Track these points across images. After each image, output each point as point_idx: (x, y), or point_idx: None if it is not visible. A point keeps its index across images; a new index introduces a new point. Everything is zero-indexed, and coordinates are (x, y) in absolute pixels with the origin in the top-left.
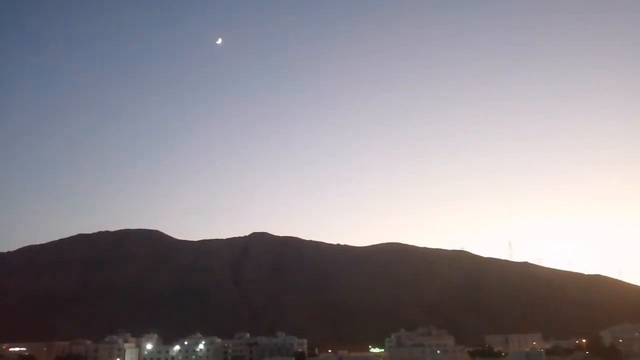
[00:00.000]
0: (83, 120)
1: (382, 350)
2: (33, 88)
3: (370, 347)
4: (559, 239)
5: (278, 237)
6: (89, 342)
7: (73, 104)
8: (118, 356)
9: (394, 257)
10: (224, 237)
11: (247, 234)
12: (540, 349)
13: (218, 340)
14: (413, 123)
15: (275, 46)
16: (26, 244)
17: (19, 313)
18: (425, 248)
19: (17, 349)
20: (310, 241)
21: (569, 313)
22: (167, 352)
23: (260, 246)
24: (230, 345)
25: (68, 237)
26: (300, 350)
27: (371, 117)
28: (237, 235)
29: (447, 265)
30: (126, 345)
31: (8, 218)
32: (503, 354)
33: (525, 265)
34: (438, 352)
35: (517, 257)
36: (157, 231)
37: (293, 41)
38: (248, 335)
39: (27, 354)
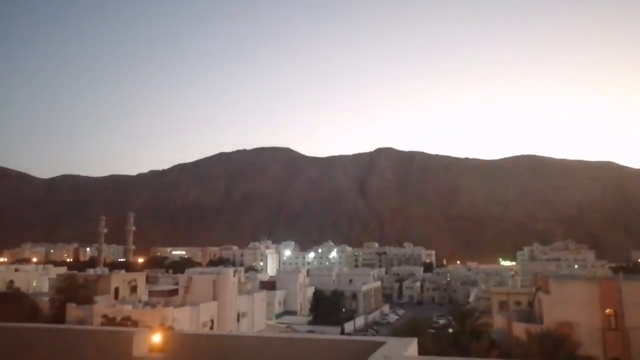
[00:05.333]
0: (220, 50)
1: (514, 263)
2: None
3: (500, 259)
4: None
5: (403, 151)
6: (235, 247)
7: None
8: (261, 260)
9: (527, 169)
10: (350, 153)
11: (372, 149)
12: None
13: (349, 248)
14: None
15: None
16: (177, 162)
17: (176, 222)
18: (564, 160)
19: (178, 252)
20: (437, 155)
21: None
22: (304, 258)
23: (385, 161)
24: (360, 253)
25: (211, 156)
26: (428, 260)
27: (506, 27)
28: (362, 151)
29: (589, 178)
30: (267, 251)
31: (162, 140)
32: None
33: None
34: (576, 267)
35: None
36: (288, 148)
37: None
38: (376, 245)
39: (186, 256)
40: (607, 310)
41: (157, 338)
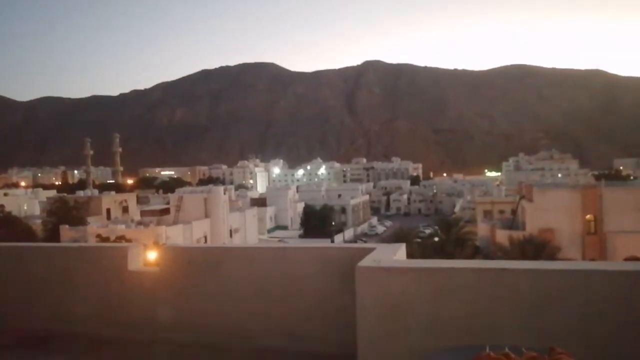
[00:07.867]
0: None
1: (499, 174)
2: None
3: (486, 171)
4: None
5: (391, 64)
6: (224, 166)
7: None
8: (250, 179)
9: (515, 80)
10: (337, 67)
11: (359, 63)
12: None
13: (337, 165)
14: None
15: None
16: (160, 81)
17: (163, 142)
18: (552, 69)
19: (167, 172)
20: (425, 67)
21: None
22: (293, 175)
23: (373, 74)
24: (348, 169)
25: (194, 73)
26: (415, 174)
27: None
28: (349, 65)
29: (575, 87)
30: (257, 169)
31: (141, 58)
32: (632, 177)
33: None
34: (559, 175)
35: None
36: (273, 64)
37: None
38: (364, 160)
39: (175, 176)
40: (588, 216)
41: (151, 255)
